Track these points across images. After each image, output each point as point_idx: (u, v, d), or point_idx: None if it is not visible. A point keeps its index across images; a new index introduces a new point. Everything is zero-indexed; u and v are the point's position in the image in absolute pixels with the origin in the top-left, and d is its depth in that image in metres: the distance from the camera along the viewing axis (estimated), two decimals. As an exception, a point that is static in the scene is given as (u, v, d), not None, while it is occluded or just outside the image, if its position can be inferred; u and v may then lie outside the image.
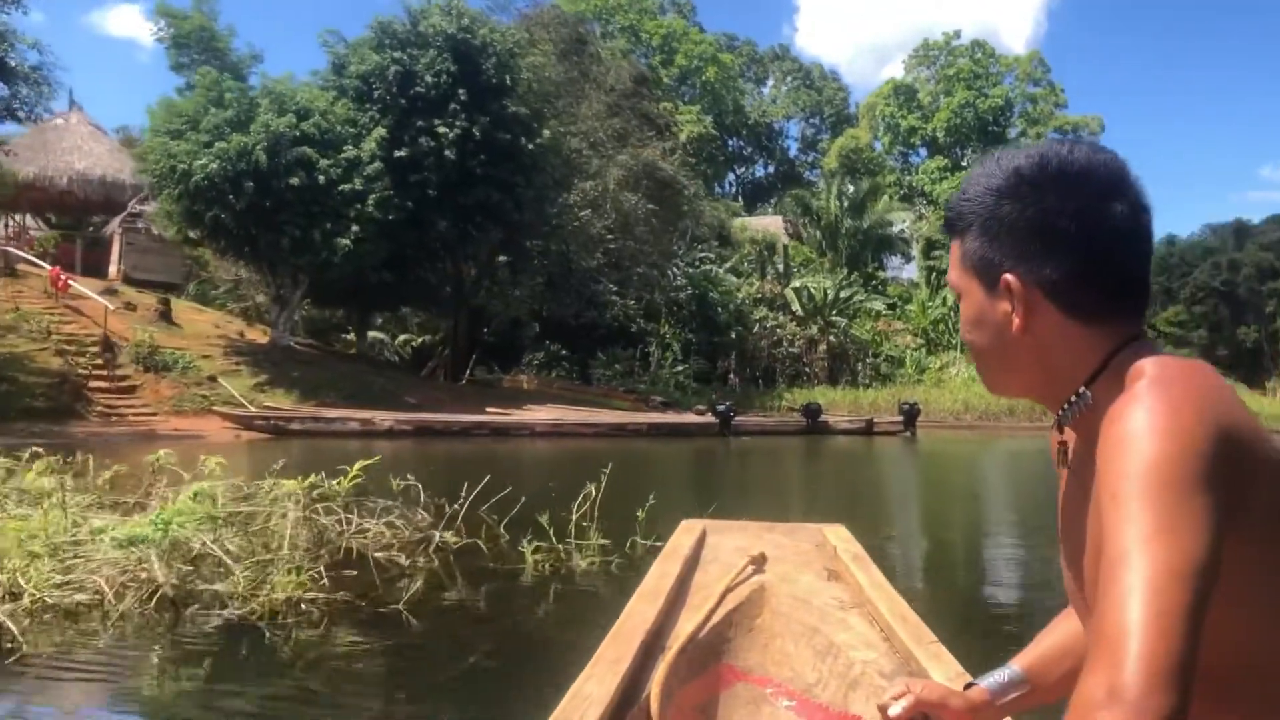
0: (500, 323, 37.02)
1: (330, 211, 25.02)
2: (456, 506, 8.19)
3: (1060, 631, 1.41)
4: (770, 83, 78.83)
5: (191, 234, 26.13)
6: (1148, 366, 1.03)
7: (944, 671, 1.88)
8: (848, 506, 12.28)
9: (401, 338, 39.16)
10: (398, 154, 26.35)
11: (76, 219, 38.95)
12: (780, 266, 43.05)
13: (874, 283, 48.20)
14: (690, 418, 26.32)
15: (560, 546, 7.69)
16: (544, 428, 23.01)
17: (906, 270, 56.68)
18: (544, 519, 7.89)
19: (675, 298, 37.32)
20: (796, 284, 41.07)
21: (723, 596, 2.34)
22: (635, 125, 35.11)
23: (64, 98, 58.66)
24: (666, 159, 34.61)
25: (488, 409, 24.38)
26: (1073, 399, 1.12)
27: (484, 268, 33.86)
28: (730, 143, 72.46)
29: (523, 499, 8.57)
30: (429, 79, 26.70)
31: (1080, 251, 1.08)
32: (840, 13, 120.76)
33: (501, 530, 8.19)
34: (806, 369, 39.05)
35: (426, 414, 23.12)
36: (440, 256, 29.66)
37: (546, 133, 28.64)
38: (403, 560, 7.17)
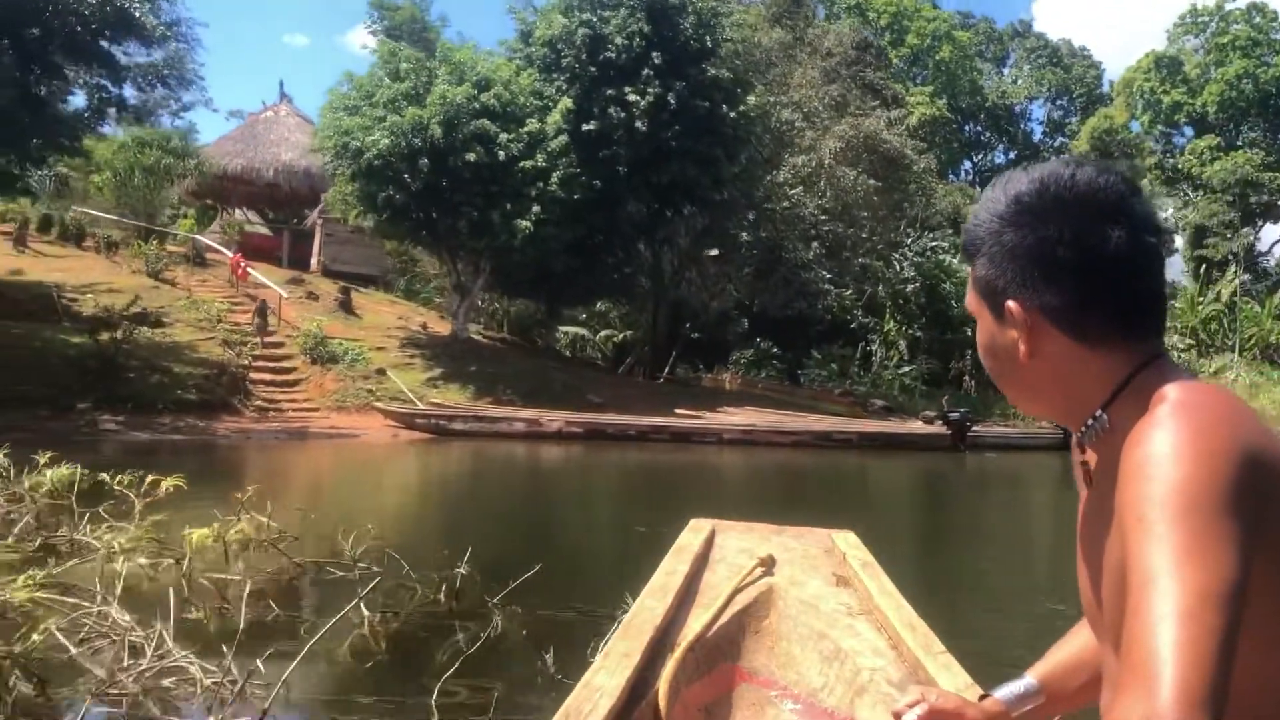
0: (705, 317, 34.07)
1: (510, 191, 22.75)
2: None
3: (1075, 644, 1.40)
4: (1011, 62, 72.52)
5: (366, 219, 24.45)
6: (1170, 390, 1.02)
7: (953, 682, 1.86)
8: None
9: (603, 333, 36.79)
10: (585, 127, 23.80)
11: (292, 212, 38.80)
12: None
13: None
14: (915, 426, 22.38)
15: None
16: (733, 434, 19.81)
17: (1171, 262, 50.19)
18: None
19: (901, 290, 33.26)
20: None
21: (731, 597, 2.32)
22: (856, 95, 31.32)
23: (274, 90, 60.54)
24: (892, 130, 30.59)
25: (676, 411, 21.42)
26: (1090, 421, 1.11)
27: (685, 256, 30.97)
28: (966, 128, 66.96)
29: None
30: (620, 41, 24.00)
31: (1080, 278, 1.07)
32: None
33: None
34: (1055, 371, 34.02)
35: (601, 415, 20.38)
36: (632, 241, 26.93)
37: (751, 99, 25.41)
38: None
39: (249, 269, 25.64)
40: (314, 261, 33.13)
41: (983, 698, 1.45)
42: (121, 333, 19.09)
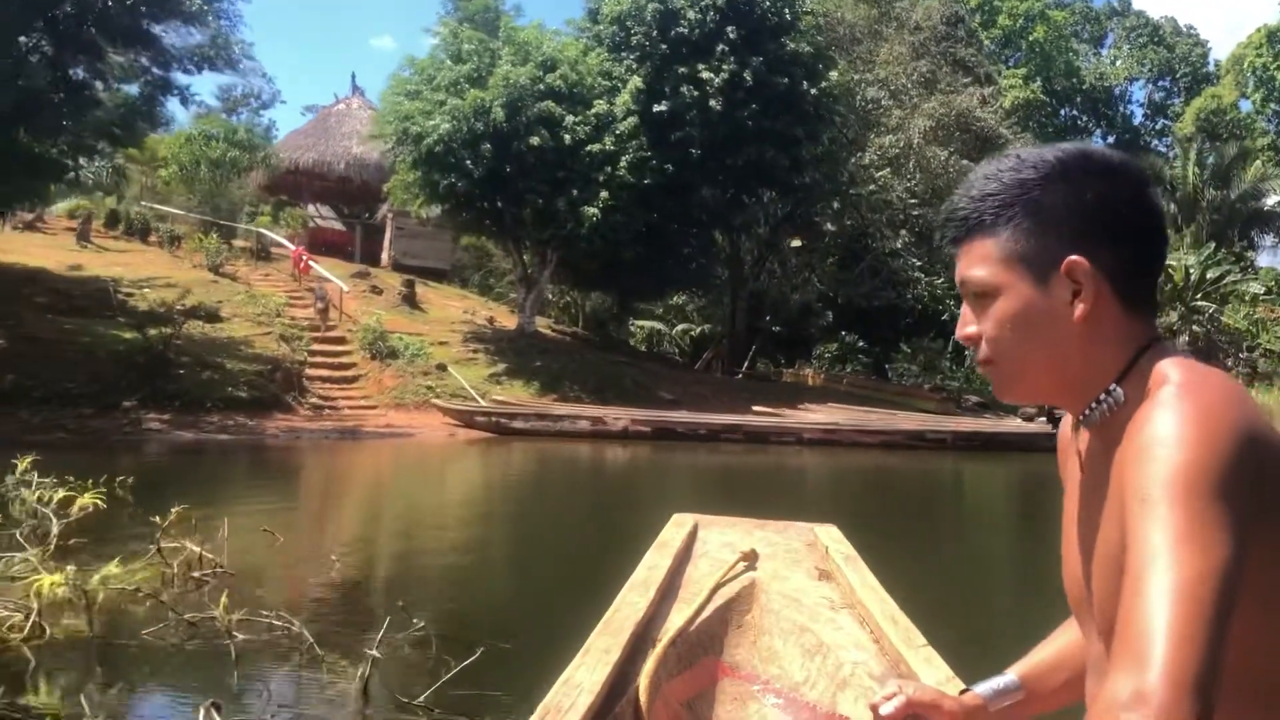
0: (787, 310, 32.50)
1: (577, 176, 21.54)
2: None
3: (1059, 642, 1.41)
4: (1109, 42, 69.27)
5: (428, 209, 23.47)
6: (1172, 371, 1.02)
7: (934, 675, 1.86)
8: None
9: (680, 327, 35.40)
10: (656, 108, 22.46)
11: (365, 206, 38.21)
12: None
13: (1241, 264, 39.60)
14: (1014, 425, 20.57)
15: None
16: (814, 434, 18.25)
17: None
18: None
19: (996, 278, 31.21)
20: (1151, 261, 33.64)
21: (713, 592, 2.31)
22: (946, 71, 29.45)
23: (347, 82, 60.29)
24: (986, 108, 28.66)
25: (753, 408, 19.96)
26: (1102, 396, 1.09)
27: (764, 245, 29.46)
28: (1062, 112, 63.99)
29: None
30: (692, 16, 22.59)
31: (1136, 237, 1.07)
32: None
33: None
34: (1163, 364, 31.75)
35: (671, 413, 19.02)
36: (707, 229, 25.51)
37: (834, 75, 23.79)
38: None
39: (311, 262, 24.85)
40: (384, 256, 32.40)
41: (963, 692, 1.44)
42: (171, 328, 18.31)
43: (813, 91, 23.09)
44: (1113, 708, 0.82)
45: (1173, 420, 0.95)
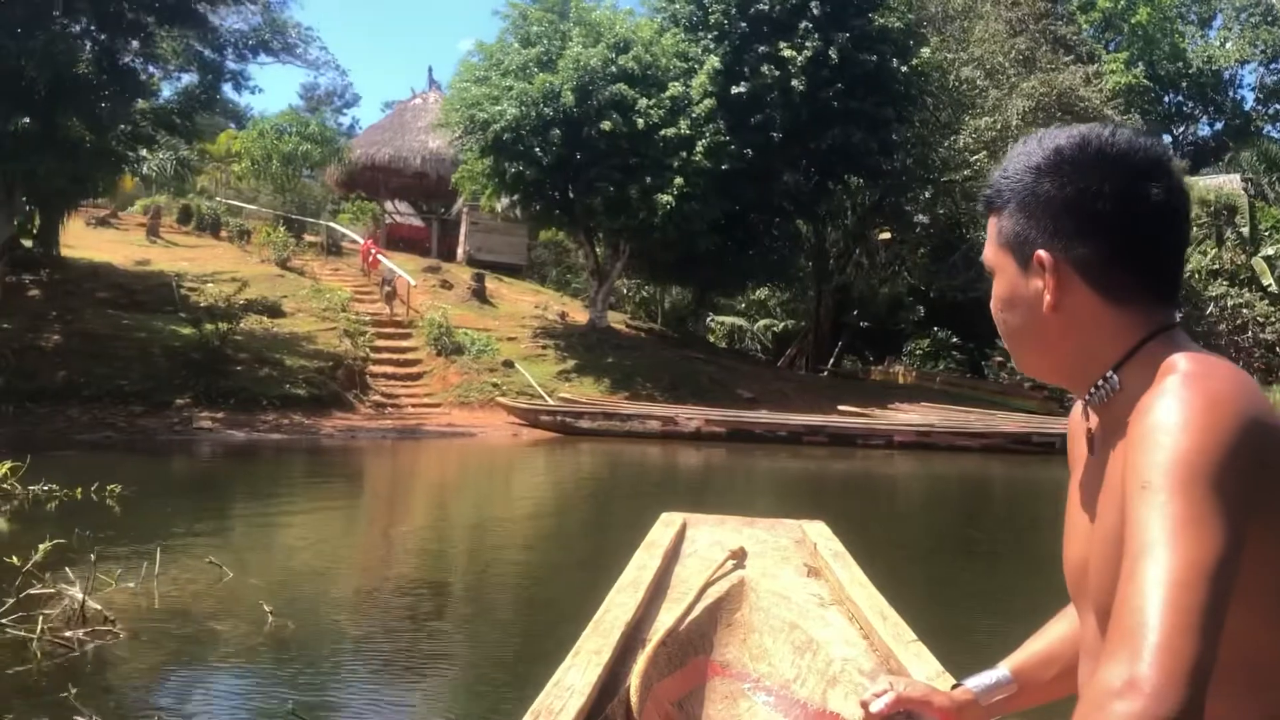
0: (875, 304, 30.97)
1: (651, 162, 20.39)
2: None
3: (1051, 635, 1.40)
4: (1218, 23, 65.61)
5: (496, 200, 22.56)
6: (1180, 360, 1.01)
7: (924, 670, 1.85)
8: None
9: (762, 323, 34.05)
10: (734, 90, 21.22)
11: (443, 201, 37.64)
12: (1244, 231, 33.22)
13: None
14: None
15: None
16: (906, 436, 16.79)
17: None
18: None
19: (1101, 270, 29.27)
20: (1269, 252, 31.36)
21: (703, 590, 2.30)
22: (1046, 50, 27.60)
23: (424, 76, 59.89)
24: (1089, 87, 26.77)
25: (839, 408, 18.60)
26: (1100, 382, 1.10)
27: (851, 235, 28.00)
28: (1166, 98, 60.83)
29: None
30: (774, -9, 21.30)
31: (1116, 231, 1.07)
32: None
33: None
34: (1284, 362, 29.53)
35: (749, 413, 17.76)
36: (790, 218, 24.15)
37: (926, 52, 22.26)
38: None
39: (380, 256, 24.14)
40: (459, 251, 31.69)
41: (954, 687, 1.45)
42: (228, 323, 17.66)
43: (903, 69, 21.61)
44: (1105, 695, 0.82)
45: (1176, 407, 0.95)
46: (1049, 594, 1.43)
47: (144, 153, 19.51)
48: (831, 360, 28.40)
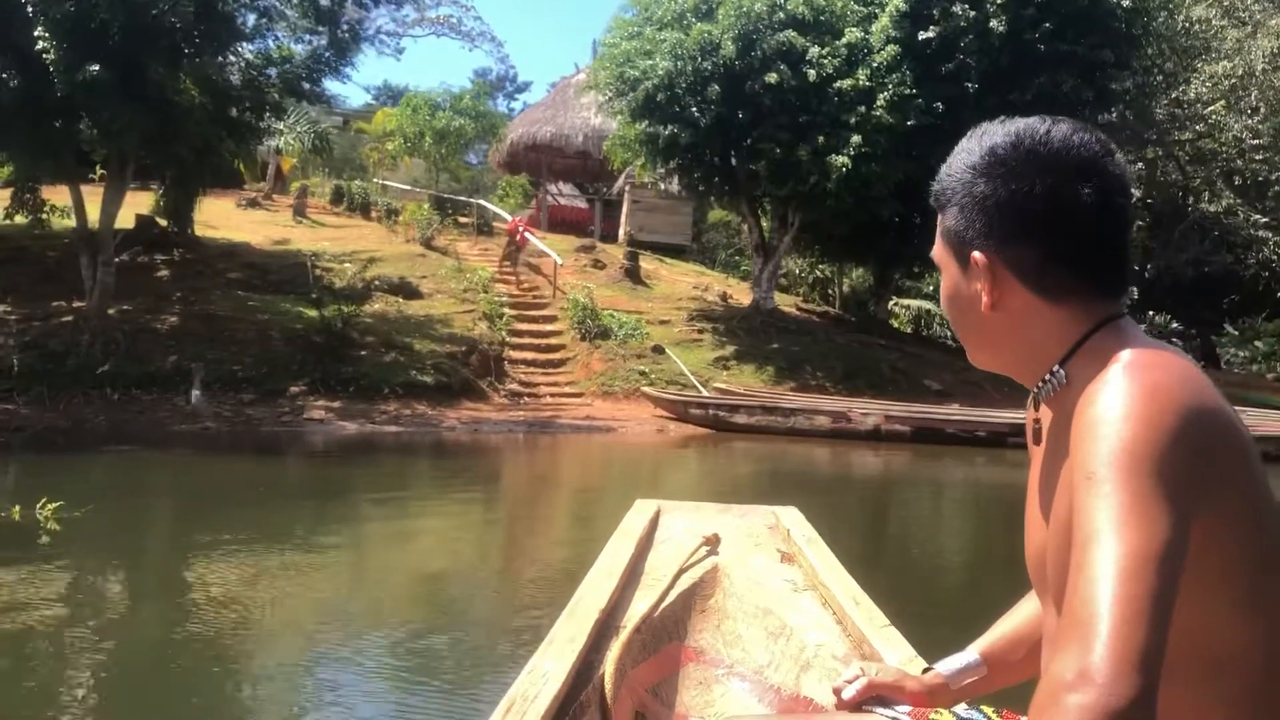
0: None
1: (824, 119, 17.86)
2: None
3: (1018, 617, 1.43)
4: None
5: (649, 169, 20.45)
6: (1124, 352, 1.03)
7: (897, 654, 1.85)
8: None
9: (951, 306, 30.75)
10: (921, 35, 18.36)
11: (606, 181, 35.98)
12: None
13: None
14: None
15: None
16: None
17: None
18: None
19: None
20: None
21: (676, 577, 2.30)
22: (1300, -20, 23.45)
23: (588, 50, 58.47)
24: (1355, 21, 22.53)
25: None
26: (1047, 376, 1.12)
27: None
28: None
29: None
30: (969, -83, 18.32)
31: (1049, 232, 1.08)
32: None
33: None
34: None
35: (940, 408, 15.00)
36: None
37: (1152, -18, 18.83)
38: None
39: (529, 234, 22.42)
40: (620, 232, 29.83)
41: (925, 671, 1.47)
42: (353, 305, 16.18)
43: (1124, 3, 18.25)
44: (1058, 688, 0.83)
45: (1119, 398, 0.96)
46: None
47: (276, 124, 18.30)
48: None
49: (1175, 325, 26.70)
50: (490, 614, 5.71)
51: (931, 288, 31.02)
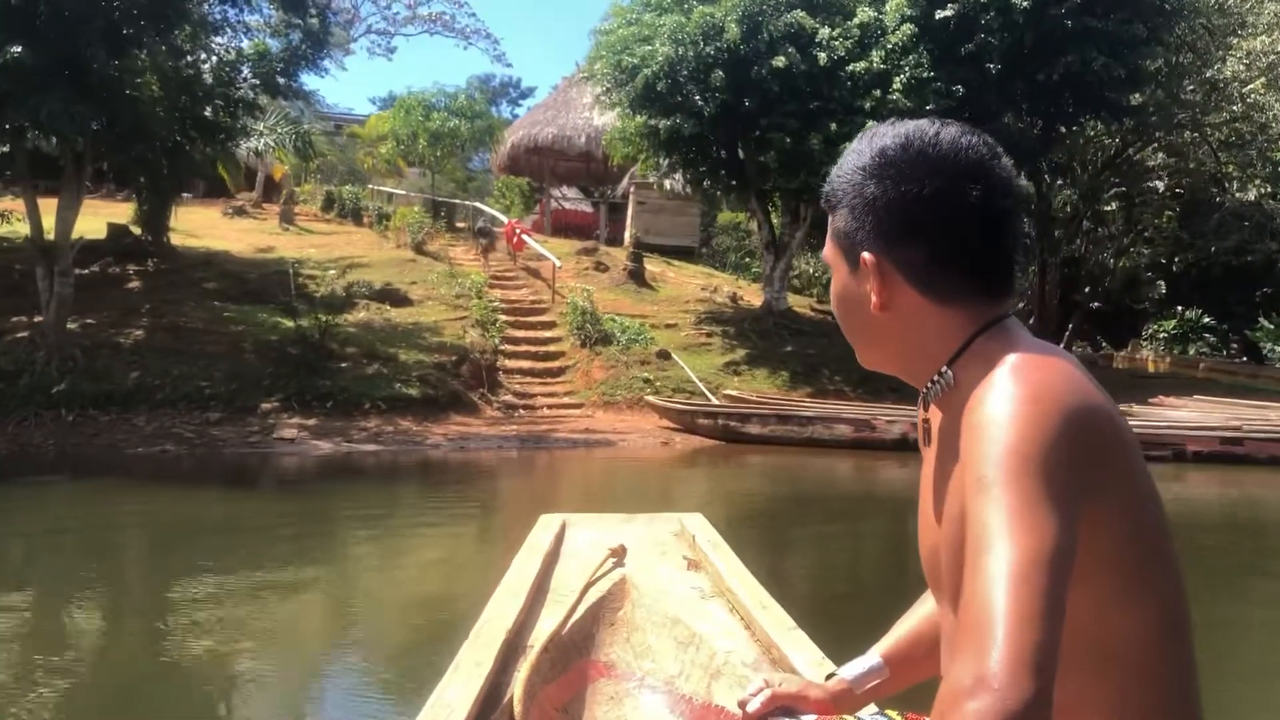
0: (1109, 279, 26.12)
1: (836, 105, 16.70)
2: None
3: (916, 617, 1.44)
4: None
5: (651, 164, 19.29)
6: (1009, 354, 1.04)
7: (806, 658, 1.88)
8: None
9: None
10: (939, 14, 17.10)
11: (611, 184, 34.82)
12: None
13: None
14: None
15: None
16: (1205, 444, 12.30)
17: None
18: None
19: None
20: None
21: (584, 592, 2.27)
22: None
23: (588, 48, 57.52)
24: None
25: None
26: (935, 378, 1.13)
27: (1085, 194, 23.34)
28: None
29: None
30: (988, -115, 17.08)
31: (936, 233, 1.09)
32: None
33: None
34: None
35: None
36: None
37: (1186, -50, 17.57)
38: None
39: (526, 237, 21.27)
40: (626, 235, 28.65)
41: (829, 677, 1.48)
42: (331, 315, 15.02)
43: (1158, -27, 17.02)
44: (958, 694, 0.83)
45: (1004, 401, 0.97)
46: None
47: (254, 124, 17.18)
48: (1063, 346, 23.80)
49: (1207, 320, 25.37)
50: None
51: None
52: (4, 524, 8.10)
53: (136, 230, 18.24)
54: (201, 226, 21.13)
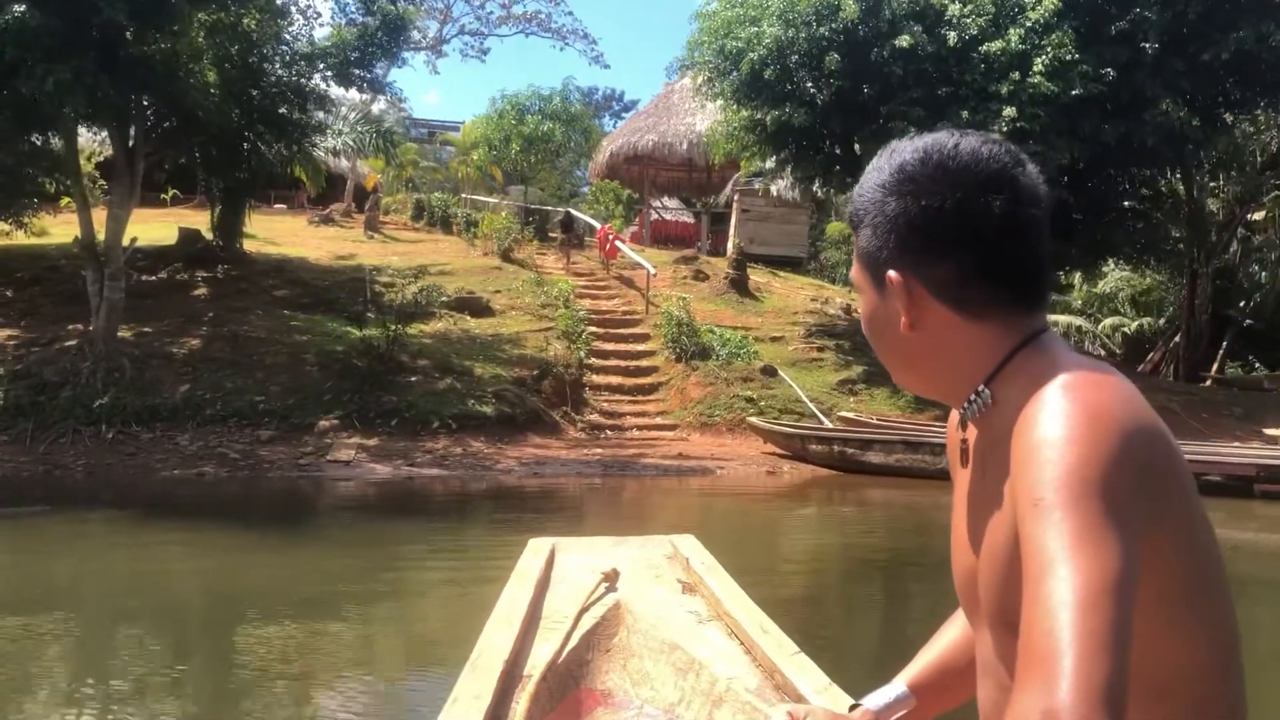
0: (1266, 294, 23.41)
1: (968, 90, 14.80)
2: None
3: (943, 642, 1.36)
4: None
5: (756, 159, 17.59)
6: (1058, 370, 0.98)
7: (811, 683, 1.81)
8: None
9: (1108, 322, 26.88)
10: (1087, -12, 15.06)
11: (714, 192, 33.19)
12: None
13: None
14: None
15: None
16: None
17: None
18: None
19: None
20: None
21: (578, 618, 2.20)
22: None
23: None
24: None
25: (1266, 432, 12.10)
26: (973, 396, 1.07)
27: (1242, 196, 20.84)
28: None
29: None
30: None
31: (961, 247, 1.04)
32: None
33: None
34: None
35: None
36: (1161, 167, 17.48)
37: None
38: None
39: (619, 243, 19.76)
40: (729, 245, 26.98)
41: (853, 707, 1.40)
42: (401, 324, 13.66)
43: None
44: None
45: (1060, 421, 0.92)
46: None
47: (327, 117, 16.03)
48: (1215, 367, 21.23)
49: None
50: None
51: (1080, 301, 27.35)
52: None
53: (209, 236, 17.26)
54: (283, 234, 20.17)
